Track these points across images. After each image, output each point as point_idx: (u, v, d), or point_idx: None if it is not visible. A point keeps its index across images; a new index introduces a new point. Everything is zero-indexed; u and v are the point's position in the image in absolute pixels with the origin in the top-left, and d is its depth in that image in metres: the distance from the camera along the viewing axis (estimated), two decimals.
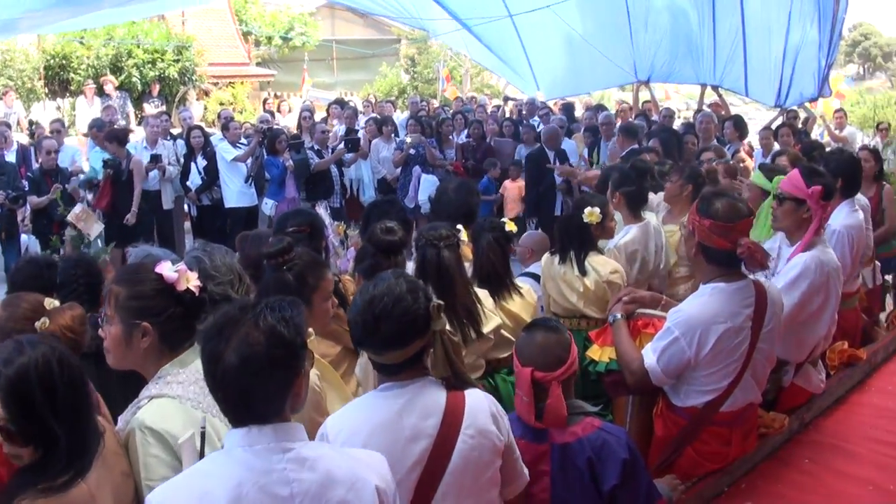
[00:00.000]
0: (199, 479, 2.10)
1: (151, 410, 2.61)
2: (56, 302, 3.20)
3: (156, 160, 10.96)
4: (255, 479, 2.04)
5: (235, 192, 11.13)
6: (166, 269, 2.73)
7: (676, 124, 12.82)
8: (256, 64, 29.87)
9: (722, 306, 3.61)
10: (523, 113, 15.55)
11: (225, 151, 11.08)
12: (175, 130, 13.29)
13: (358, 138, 12.44)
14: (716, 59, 12.94)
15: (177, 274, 2.73)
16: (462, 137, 13.54)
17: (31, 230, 10.21)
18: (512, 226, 4.63)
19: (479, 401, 2.74)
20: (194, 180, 11.34)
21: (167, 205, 11.44)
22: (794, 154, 7.03)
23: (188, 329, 2.75)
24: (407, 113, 16.27)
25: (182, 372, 2.70)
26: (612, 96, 23.30)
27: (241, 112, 23.20)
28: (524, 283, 4.98)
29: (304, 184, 11.12)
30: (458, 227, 4.11)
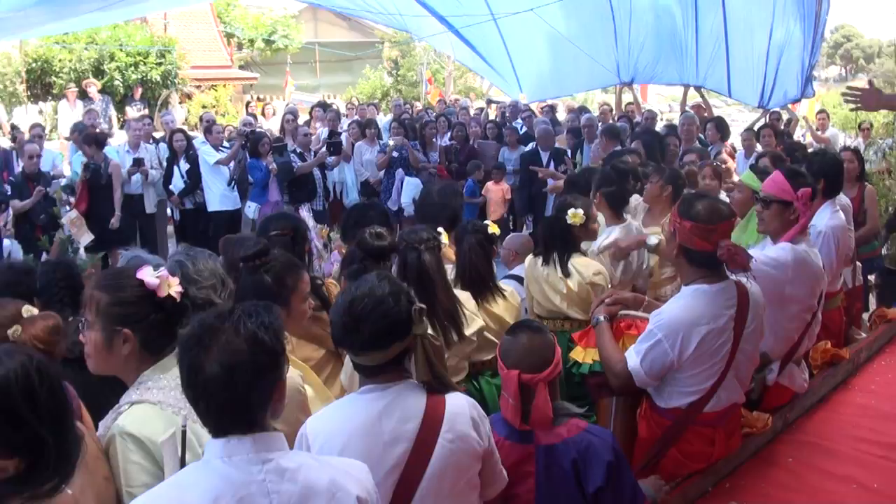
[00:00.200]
0: (176, 491, 2.07)
1: (132, 416, 2.59)
2: (34, 310, 3.16)
3: (138, 164, 10.93)
4: (234, 491, 2.01)
5: (218, 195, 11.08)
6: (147, 274, 2.70)
7: (658, 126, 12.86)
8: (239, 67, 29.84)
9: (704, 308, 3.61)
10: (507, 115, 15.58)
11: (207, 155, 11.03)
12: (157, 134, 13.21)
13: (340, 141, 12.40)
14: (699, 59, 12.96)
15: (158, 280, 2.70)
16: (445, 140, 13.52)
17: (13, 235, 10.14)
18: (495, 228, 4.61)
19: (459, 405, 2.74)
20: (177, 184, 11.27)
21: (150, 209, 11.39)
22: (777, 154, 7.06)
23: (170, 335, 2.70)
24: (390, 115, 16.26)
25: (163, 377, 2.67)
26: (596, 98, 23.33)
27: (223, 115, 23.15)
28: (508, 285, 4.98)
29: (287, 187, 11.09)
30: (440, 230, 4.09)
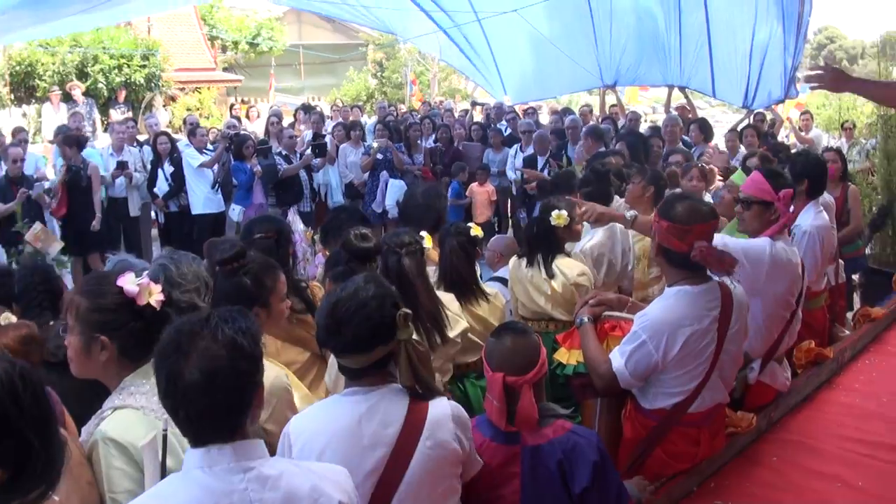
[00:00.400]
0: (157, 502, 2.05)
1: (114, 422, 2.58)
2: (13, 318, 3.15)
3: (122, 167, 10.90)
4: (216, 501, 1.99)
5: (202, 198, 11.05)
6: (127, 282, 2.67)
7: (642, 128, 12.88)
8: (223, 69, 29.76)
9: (688, 309, 3.61)
10: (491, 117, 15.58)
11: (191, 158, 11.01)
12: (141, 137, 13.16)
13: (325, 143, 12.40)
14: (682, 60, 12.96)
15: (137, 288, 2.67)
16: (430, 142, 13.53)
17: None
18: (478, 231, 4.60)
19: (441, 412, 2.74)
20: (161, 187, 11.24)
21: (134, 212, 11.35)
22: (764, 155, 7.09)
23: (150, 342, 2.66)
24: (375, 117, 16.24)
25: (146, 383, 2.65)
26: (581, 100, 23.38)
27: (207, 118, 23.10)
28: (492, 286, 4.98)
29: (274, 189, 11.09)
30: (422, 233, 4.08)
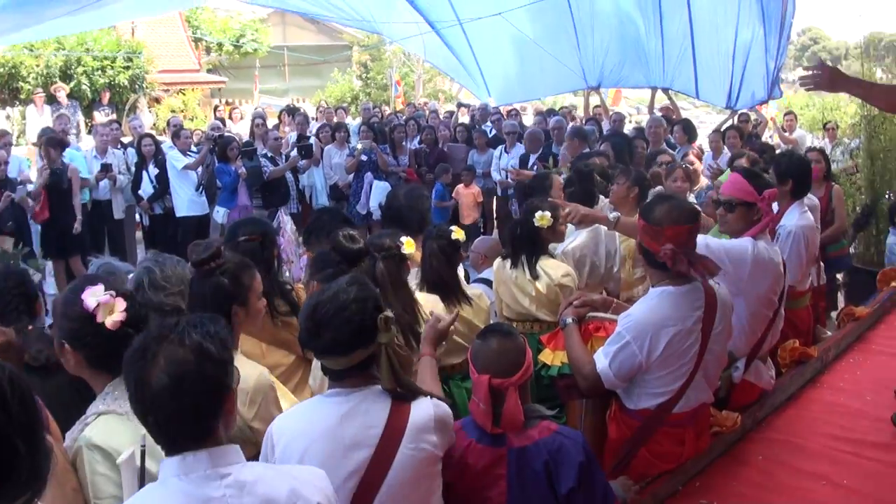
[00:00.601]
0: None
1: (98, 428, 2.58)
2: None
3: (106, 169, 10.86)
4: None
5: (186, 200, 11.03)
6: (90, 295, 2.64)
7: (627, 129, 12.90)
8: (207, 71, 29.69)
9: (671, 309, 3.62)
10: (476, 118, 15.57)
11: (175, 160, 10.98)
12: (126, 139, 13.11)
13: (310, 144, 12.38)
14: (665, 62, 12.98)
15: (97, 303, 2.64)
16: (415, 143, 13.52)
17: None
18: (460, 234, 4.54)
19: (424, 413, 2.75)
20: (146, 189, 11.20)
21: (118, 214, 11.31)
22: (754, 157, 7.13)
23: (118, 356, 2.67)
24: (360, 119, 16.22)
25: None
26: (566, 101, 23.43)
27: (192, 119, 23.05)
28: (477, 288, 4.98)
29: (261, 191, 11.07)
30: (403, 238, 4.04)
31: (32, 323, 3.50)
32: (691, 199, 7.23)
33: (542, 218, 4.98)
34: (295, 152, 11.98)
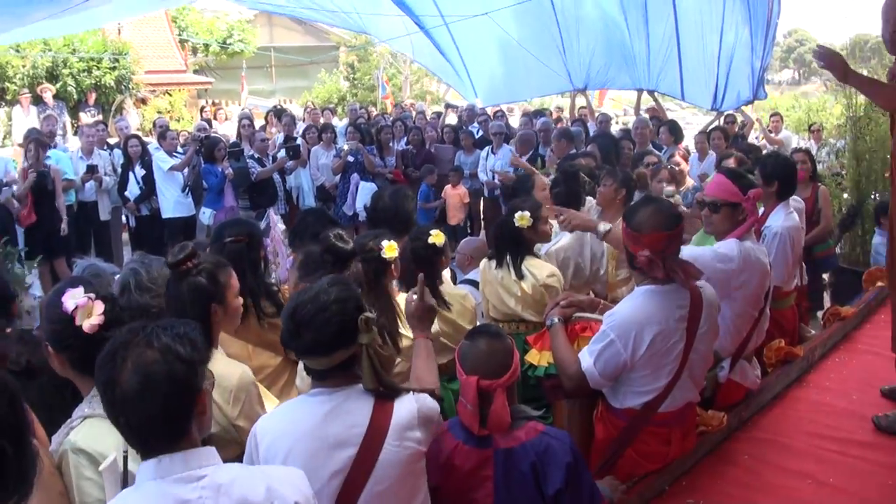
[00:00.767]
0: None
1: (84, 432, 2.57)
2: None
3: (92, 170, 10.81)
4: None
5: (172, 202, 10.99)
6: (69, 297, 2.63)
7: (613, 130, 12.93)
8: (194, 71, 29.63)
9: (655, 308, 3.62)
10: (463, 119, 15.56)
11: (161, 161, 10.94)
12: (112, 140, 13.05)
13: (298, 145, 12.36)
14: (650, 65, 13.00)
15: (75, 304, 2.63)
16: (402, 144, 13.50)
17: None
18: (438, 238, 4.45)
19: (407, 409, 2.75)
20: (132, 190, 11.16)
21: (104, 216, 11.28)
22: (742, 158, 7.14)
23: None
24: (347, 120, 16.19)
25: None
26: (554, 103, 23.42)
27: (178, 120, 23.00)
28: (463, 289, 4.97)
29: (249, 192, 11.03)
30: (384, 242, 4.00)
31: (11, 325, 3.47)
32: (676, 199, 7.25)
33: (521, 218, 4.96)
34: (282, 153, 11.95)
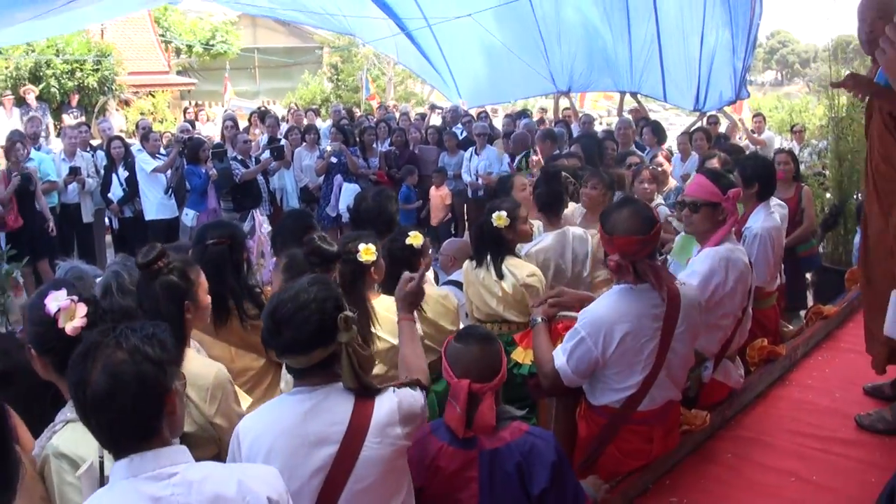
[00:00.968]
0: None
1: (65, 436, 2.57)
2: None
3: (74, 172, 10.73)
4: None
5: (155, 204, 10.92)
6: (52, 300, 2.64)
7: (597, 129, 12.97)
8: (177, 73, 29.53)
9: (627, 307, 3.65)
10: (447, 120, 15.58)
11: (144, 163, 10.86)
12: (95, 141, 12.98)
13: (282, 146, 12.32)
14: (632, 67, 13.05)
15: (58, 307, 2.63)
16: (385, 146, 13.50)
17: None
18: (416, 239, 4.42)
19: (387, 406, 2.74)
20: (116, 192, 11.09)
21: (87, 218, 11.21)
22: (725, 158, 7.17)
23: None
24: (330, 121, 16.17)
25: None
26: (538, 104, 23.43)
27: (161, 122, 22.93)
28: (446, 290, 4.96)
29: (232, 194, 10.97)
30: (362, 245, 3.98)
31: None
32: (659, 200, 7.28)
33: (499, 218, 4.95)
34: (267, 154, 11.91)
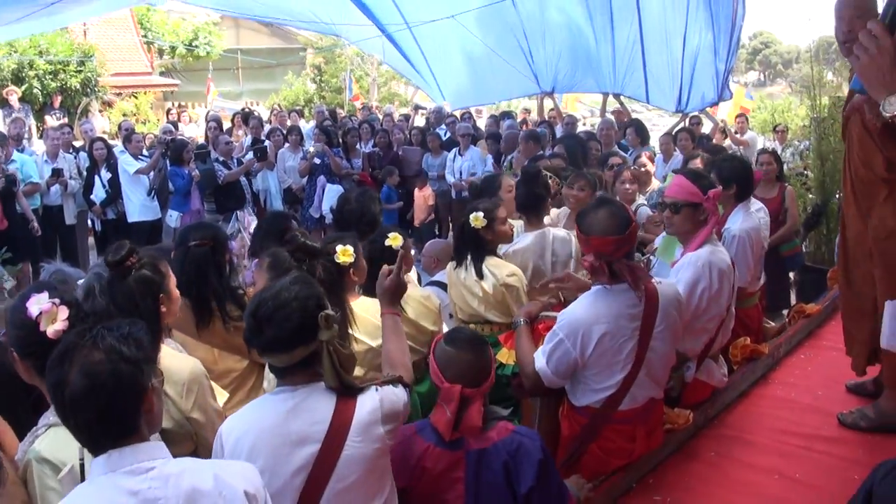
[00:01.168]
0: None
1: (47, 441, 2.56)
2: None
3: (57, 174, 10.68)
4: (123, 502, 2.03)
5: (138, 205, 10.89)
6: (34, 303, 2.63)
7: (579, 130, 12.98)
8: (160, 74, 29.43)
9: (604, 308, 3.65)
10: (430, 121, 15.56)
11: (127, 164, 10.82)
12: (77, 143, 12.92)
13: (265, 147, 12.30)
14: (615, 69, 13.05)
15: (39, 310, 2.62)
16: (369, 147, 13.49)
17: None
18: (396, 240, 4.32)
19: (370, 406, 2.74)
20: (98, 194, 11.05)
21: (69, 220, 11.15)
22: (708, 158, 7.19)
23: None
24: (314, 122, 16.15)
25: None
26: (520, 105, 23.46)
27: (144, 123, 22.84)
28: (429, 290, 4.96)
29: (215, 195, 10.92)
30: (340, 246, 3.96)
31: None
32: (641, 200, 7.30)
33: (475, 219, 4.95)
34: (250, 156, 11.88)
